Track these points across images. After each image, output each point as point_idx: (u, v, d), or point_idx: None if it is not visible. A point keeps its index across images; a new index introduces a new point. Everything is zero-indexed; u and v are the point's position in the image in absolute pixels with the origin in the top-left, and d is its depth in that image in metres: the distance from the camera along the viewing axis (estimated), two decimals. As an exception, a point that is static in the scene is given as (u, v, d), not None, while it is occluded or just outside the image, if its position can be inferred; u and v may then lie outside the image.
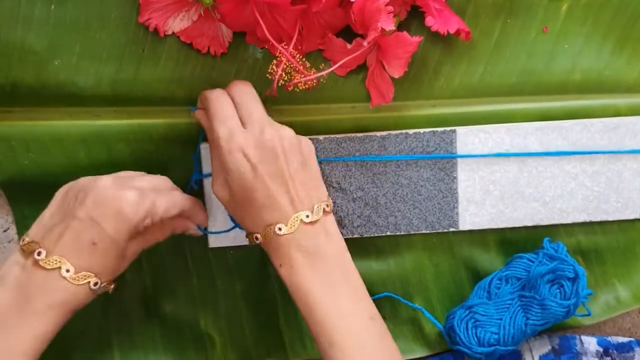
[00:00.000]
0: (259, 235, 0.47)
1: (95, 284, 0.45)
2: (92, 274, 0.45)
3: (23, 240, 0.45)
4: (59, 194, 0.47)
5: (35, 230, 0.46)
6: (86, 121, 0.54)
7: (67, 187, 0.47)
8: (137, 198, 0.45)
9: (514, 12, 0.54)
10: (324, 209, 0.47)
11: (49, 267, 0.43)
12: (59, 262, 0.43)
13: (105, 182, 0.46)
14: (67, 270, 0.44)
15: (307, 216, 0.46)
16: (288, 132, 0.48)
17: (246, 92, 0.48)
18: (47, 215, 0.46)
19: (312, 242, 0.46)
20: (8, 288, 0.44)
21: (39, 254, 0.44)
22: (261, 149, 0.46)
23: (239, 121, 0.47)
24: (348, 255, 0.48)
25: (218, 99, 0.48)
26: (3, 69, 0.52)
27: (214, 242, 0.56)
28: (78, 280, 0.44)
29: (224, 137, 0.46)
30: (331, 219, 0.48)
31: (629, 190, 0.56)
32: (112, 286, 0.47)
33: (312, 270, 0.46)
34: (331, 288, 0.45)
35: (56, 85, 0.53)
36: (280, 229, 0.46)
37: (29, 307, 0.43)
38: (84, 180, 0.47)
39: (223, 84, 0.50)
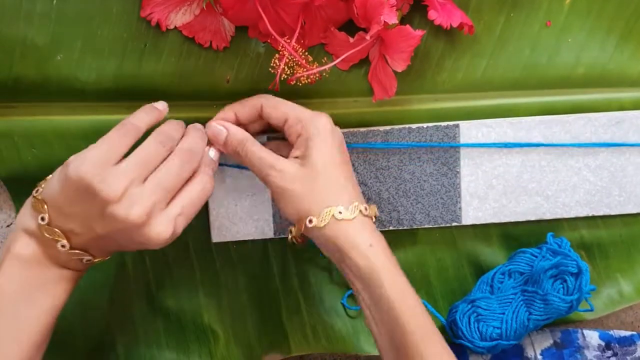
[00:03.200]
0: (342, 209, 0.45)
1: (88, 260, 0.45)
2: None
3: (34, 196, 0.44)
4: (70, 182, 0.42)
5: (50, 203, 0.43)
6: (89, 116, 0.54)
7: (78, 178, 0.42)
8: (167, 233, 0.43)
9: (517, 5, 0.54)
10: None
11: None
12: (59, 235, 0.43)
13: (129, 209, 0.41)
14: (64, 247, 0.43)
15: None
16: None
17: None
18: (62, 197, 0.42)
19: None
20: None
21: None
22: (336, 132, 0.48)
23: None
24: None
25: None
26: (5, 64, 0.52)
27: (217, 236, 0.56)
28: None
29: (307, 112, 0.48)
30: None
31: (632, 185, 0.56)
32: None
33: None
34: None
35: (58, 80, 0.53)
36: (366, 209, 0.47)
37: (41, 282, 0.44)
38: (95, 183, 0.41)
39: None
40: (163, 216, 0.43)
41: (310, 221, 0.45)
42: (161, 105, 0.48)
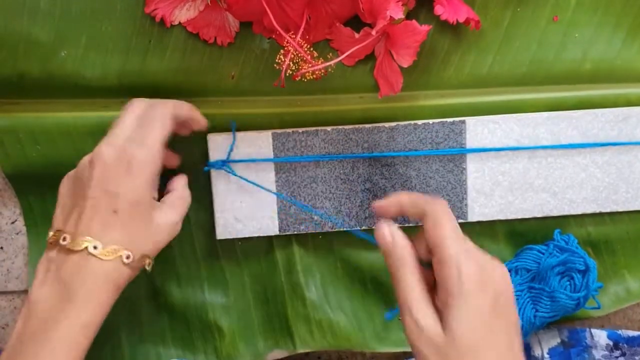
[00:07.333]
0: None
1: (128, 257, 0.43)
2: (122, 247, 0.43)
3: (48, 236, 0.44)
4: (63, 186, 0.45)
5: (54, 225, 0.44)
6: (93, 112, 0.54)
7: (68, 177, 0.46)
8: (146, 156, 0.44)
9: (523, 0, 0.53)
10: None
11: (77, 248, 0.42)
12: (86, 240, 0.42)
13: (107, 152, 0.43)
14: (95, 247, 0.42)
15: None
16: None
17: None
18: (59, 210, 0.45)
19: None
20: (46, 284, 0.42)
21: (64, 239, 0.42)
22: None
23: None
24: None
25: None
26: (9, 60, 0.52)
27: (222, 233, 0.56)
28: (108, 255, 0.42)
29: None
30: None
31: (639, 181, 0.56)
32: (148, 261, 0.45)
33: None
34: None
35: (63, 76, 0.53)
36: None
37: (71, 296, 0.41)
38: (82, 163, 0.44)
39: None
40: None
41: None
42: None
